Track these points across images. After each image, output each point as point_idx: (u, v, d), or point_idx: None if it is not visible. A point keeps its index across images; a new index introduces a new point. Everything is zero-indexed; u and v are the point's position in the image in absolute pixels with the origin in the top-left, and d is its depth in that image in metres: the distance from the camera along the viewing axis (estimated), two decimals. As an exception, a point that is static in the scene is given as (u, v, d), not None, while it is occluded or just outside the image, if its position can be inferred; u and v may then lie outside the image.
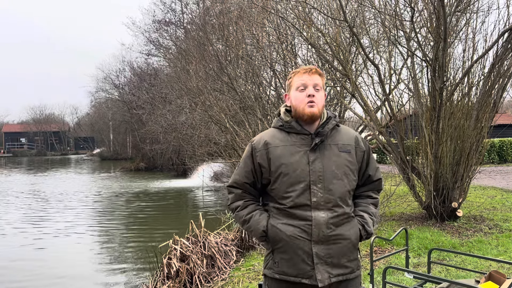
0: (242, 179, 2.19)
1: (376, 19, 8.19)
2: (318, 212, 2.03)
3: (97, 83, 51.16)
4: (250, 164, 2.17)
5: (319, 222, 2.03)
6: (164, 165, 30.06)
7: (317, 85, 2.14)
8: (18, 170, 34.01)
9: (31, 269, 7.64)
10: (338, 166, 2.10)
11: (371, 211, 2.23)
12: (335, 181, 2.08)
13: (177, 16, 29.55)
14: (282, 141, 2.13)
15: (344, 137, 2.19)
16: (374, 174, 2.27)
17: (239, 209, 2.20)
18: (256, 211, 2.17)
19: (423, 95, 7.40)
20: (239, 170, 2.22)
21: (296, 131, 2.13)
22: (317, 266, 2.03)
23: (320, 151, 2.10)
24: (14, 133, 72.06)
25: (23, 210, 13.88)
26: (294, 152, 2.09)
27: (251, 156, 2.17)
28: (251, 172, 2.17)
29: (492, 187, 11.99)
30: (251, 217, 2.15)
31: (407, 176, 7.52)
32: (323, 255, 2.04)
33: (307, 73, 2.14)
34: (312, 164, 2.07)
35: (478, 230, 6.76)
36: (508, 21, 6.79)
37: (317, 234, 2.03)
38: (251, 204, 2.20)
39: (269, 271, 2.14)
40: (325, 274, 2.03)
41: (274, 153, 2.11)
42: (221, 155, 12.67)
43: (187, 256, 5.88)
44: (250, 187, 2.21)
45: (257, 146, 2.16)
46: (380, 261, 5.37)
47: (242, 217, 2.18)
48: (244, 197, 2.21)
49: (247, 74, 10.66)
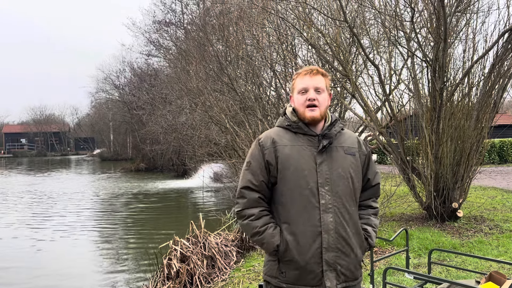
0: (257, 177, 2.07)
1: (376, 20, 8.19)
2: (327, 215, 2.01)
3: (97, 83, 51.13)
4: (261, 161, 2.08)
5: (328, 227, 2.00)
6: (165, 165, 30.06)
7: (318, 87, 2.10)
8: (19, 171, 34.00)
9: (30, 270, 7.63)
10: (344, 169, 2.08)
11: (374, 223, 2.23)
12: (342, 184, 2.06)
13: (177, 17, 29.58)
14: (290, 141, 2.09)
15: (348, 140, 2.17)
16: (373, 179, 2.26)
17: (253, 219, 2.06)
18: (270, 224, 2.06)
19: (423, 96, 7.40)
20: (251, 169, 2.10)
21: (303, 131, 2.10)
22: (326, 273, 2.00)
23: (327, 154, 2.07)
24: (14, 134, 72.07)
25: (23, 211, 13.89)
26: (302, 153, 2.06)
27: (261, 153, 2.08)
28: (265, 170, 2.08)
29: (492, 187, 11.98)
30: (265, 230, 2.04)
31: (407, 176, 7.52)
32: (332, 262, 2.01)
33: (309, 74, 2.10)
34: (319, 166, 2.04)
35: (478, 230, 6.76)
36: (508, 22, 6.79)
37: (327, 240, 1.99)
38: (265, 216, 2.08)
39: (274, 280, 2.07)
40: (334, 281, 2.01)
41: (282, 151, 2.06)
42: (221, 155, 12.67)
43: (187, 256, 5.87)
44: (266, 188, 2.09)
45: (265, 144, 2.09)
46: (381, 262, 5.37)
47: (255, 228, 2.05)
48: (259, 205, 2.08)
49: (247, 74, 10.66)
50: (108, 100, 46.93)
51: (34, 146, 70.10)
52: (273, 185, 2.10)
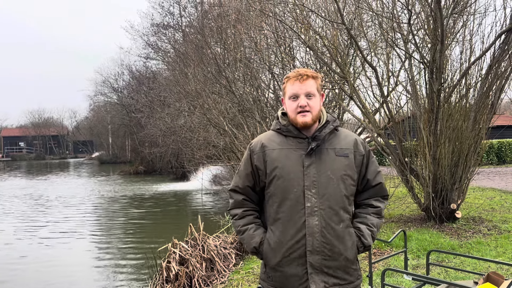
0: (243, 182, 2.18)
1: (373, 22, 8.21)
2: (312, 218, 2.00)
3: (95, 86, 51.06)
4: (249, 167, 2.15)
5: (313, 230, 1.99)
6: (163, 168, 30.03)
7: (309, 92, 2.07)
8: (17, 175, 33.91)
9: (28, 273, 7.61)
10: (334, 171, 2.05)
11: (371, 222, 2.15)
12: (330, 186, 2.03)
13: (176, 20, 29.55)
14: (279, 144, 2.10)
15: (343, 141, 2.13)
16: (373, 179, 2.18)
17: (237, 218, 2.18)
18: (251, 225, 2.14)
19: (421, 97, 7.42)
20: (239, 173, 2.21)
21: (293, 134, 2.10)
22: (312, 276, 2.00)
23: (316, 156, 2.06)
24: (13, 137, 71.97)
25: (21, 215, 13.85)
26: (289, 156, 2.06)
27: (250, 158, 2.15)
28: (251, 175, 2.15)
29: (490, 188, 12.00)
30: (246, 230, 2.14)
31: (405, 178, 7.53)
32: (318, 265, 2.00)
33: (298, 80, 2.07)
34: (307, 169, 2.03)
35: (477, 231, 6.77)
36: (505, 23, 6.81)
37: (311, 243, 1.99)
38: (248, 215, 2.17)
39: (265, 284, 2.13)
40: (320, 284, 2.00)
41: (270, 155, 2.08)
42: (220, 158, 12.67)
43: (186, 259, 5.87)
44: (251, 192, 2.18)
45: (255, 149, 2.14)
46: (379, 263, 5.37)
47: (237, 227, 2.18)
48: (243, 205, 2.18)
49: (246, 77, 10.67)
50: (107, 103, 46.92)
51: (32, 150, 69.98)
52: (263, 189, 2.14)
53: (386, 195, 2.25)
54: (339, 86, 8.08)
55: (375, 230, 2.15)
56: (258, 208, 2.21)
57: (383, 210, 2.22)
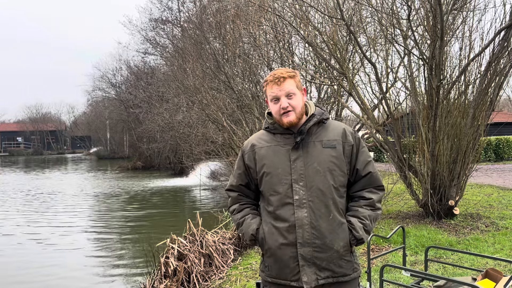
0: (237, 181, 2.27)
1: (373, 18, 8.18)
2: (301, 211, 2.03)
3: (93, 81, 51.08)
4: (241, 166, 2.25)
5: (302, 222, 2.03)
6: (162, 164, 30.02)
7: (289, 92, 2.10)
8: (14, 170, 33.85)
9: (26, 270, 7.61)
10: (321, 163, 2.07)
11: (362, 215, 2.11)
12: (318, 178, 2.06)
13: (174, 15, 29.48)
14: (268, 142, 2.18)
15: (330, 133, 2.14)
16: (363, 168, 2.15)
17: (235, 212, 2.27)
18: (248, 215, 2.23)
19: (420, 94, 7.41)
20: (234, 174, 2.31)
21: (280, 131, 2.16)
22: (303, 268, 2.03)
23: (303, 149, 2.10)
24: (10, 132, 71.73)
25: (19, 211, 13.83)
26: (277, 152, 2.13)
27: (242, 158, 2.25)
28: (244, 174, 2.25)
29: (488, 185, 12.03)
30: (244, 221, 2.21)
31: (404, 174, 7.54)
32: (309, 257, 2.03)
33: (276, 84, 2.10)
34: (294, 163, 2.08)
35: (474, 228, 6.79)
36: (505, 19, 6.80)
37: (301, 235, 2.03)
38: (246, 208, 2.26)
39: (262, 274, 2.20)
40: (312, 276, 2.03)
41: (259, 153, 2.17)
42: (219, 154, 12.67)
43: (185, 255, 5.87)
44: (246, 189, 2.27)
45: (245, 149, 2.24)
46: (377, 259, 5.38)
47: (236, 220, 2.26)
48: (240, 200, 2.28)
49: (244, 72, 10.64)
50: (105, 98, 46.83)
51: (30, 145, 69.80)
52: (258, 186, 2.23)
53: (379, 186, 2.20)
54: (338, 82, 8.06)
55: (368, 223, 2.10)
56: (255, 202, 2.31)
57: (377, 201, 2.16)
